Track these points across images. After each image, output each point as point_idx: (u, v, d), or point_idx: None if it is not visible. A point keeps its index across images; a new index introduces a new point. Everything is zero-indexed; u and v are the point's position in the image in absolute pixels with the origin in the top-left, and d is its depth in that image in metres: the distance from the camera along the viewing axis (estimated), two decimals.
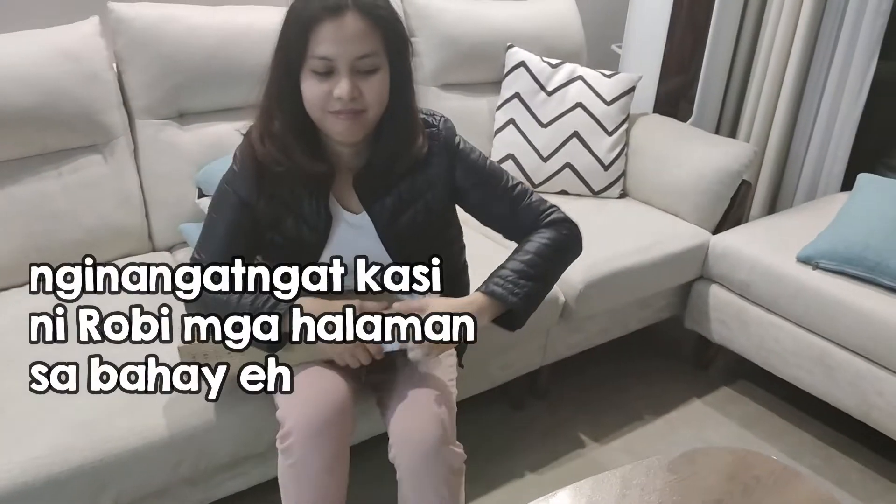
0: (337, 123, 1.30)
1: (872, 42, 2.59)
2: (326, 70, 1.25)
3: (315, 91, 1.27)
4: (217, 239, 1.41)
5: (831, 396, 2.09)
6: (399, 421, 1.38)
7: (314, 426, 1.32)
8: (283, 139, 1.33)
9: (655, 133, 2.59)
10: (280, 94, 1.31)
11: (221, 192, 1.42)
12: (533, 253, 1.43)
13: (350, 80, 1.25)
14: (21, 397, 1.42)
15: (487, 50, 2.55)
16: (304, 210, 1.40)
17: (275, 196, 1.39)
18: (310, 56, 1.25)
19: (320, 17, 1.23)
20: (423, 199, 1.43)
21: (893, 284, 2.01)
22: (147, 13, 1.94)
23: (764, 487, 1.35)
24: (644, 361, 2.52)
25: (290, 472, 1.34)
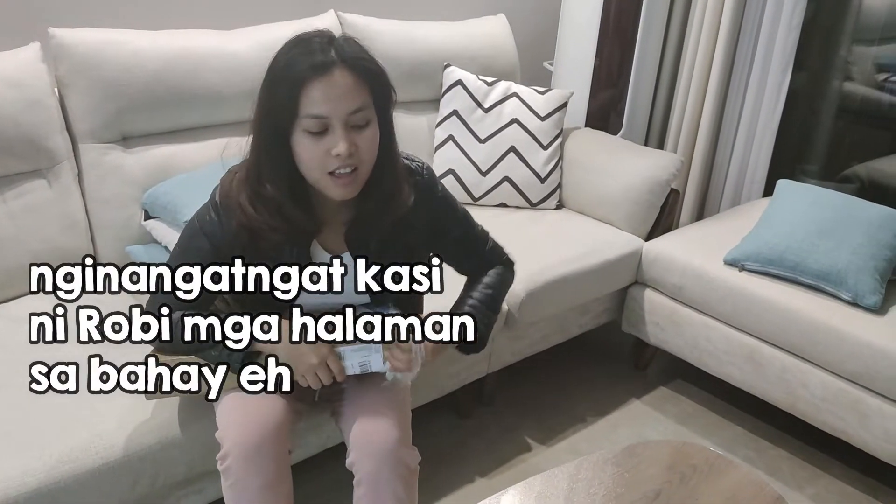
0: (336, 186, 1.28)
1: (786, 55, 2.76)
2: (321, 129, 1.24)
3: (311, 151, 1.25)
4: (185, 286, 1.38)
5: (760, 391, 2.21)
6: (357, 426, 1.42)
7: (250, 446, 1.34)
8: (277, 202, 1.31)
9: (588, 146, 2.70)
10: (271, 158, 1.29)
11: (195, 235, 1.38)
12: (493, 288, 1.57)
13: (346, 137, 1.24)
14: None
15: (425, 69, 2.63)
16: (283, 258, 1.39)
17: (257, 247, 1.37)
18: (302, 116, 1.23)
19: (309, 77, 1.21)
20: (403, 241, 1.46)
21: (813, 282, 2.14)
22: (88, 38, 1.96)
23: (700, 475, 1.44)
24: (585, 365, 2.62)
25: (230, 493, 1.36)
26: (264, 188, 1.31)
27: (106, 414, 1.49)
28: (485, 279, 1.58)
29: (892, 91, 2.96)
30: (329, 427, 1.62)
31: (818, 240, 2.16)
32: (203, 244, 1.37)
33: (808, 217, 2.24)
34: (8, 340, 1.68)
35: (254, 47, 2.18)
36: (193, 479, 1.60)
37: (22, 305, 1.83)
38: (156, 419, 1.50)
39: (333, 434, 1.72)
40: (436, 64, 2.65)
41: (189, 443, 1.53)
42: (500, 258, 1.63)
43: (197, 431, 1.54)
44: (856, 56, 3.03)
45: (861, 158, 3.06)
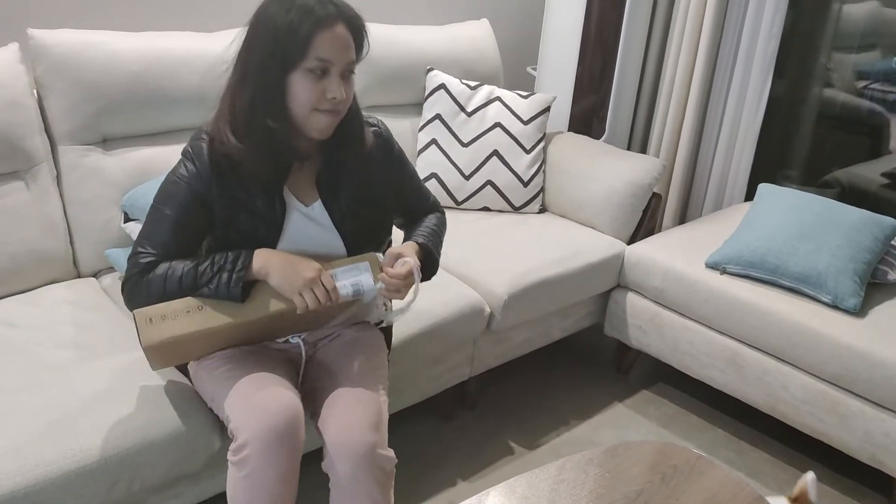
0: (322, 120, 1.42)
1: (767, 62, 2.79)
2: (322, 70, 1.37)
3: (309, 90, 1.38)
4: (165, 233, 1.44)
5: (742, 393, 2.22)
6: (333, 427, 1.42)
7: (272, 436, 1.35)
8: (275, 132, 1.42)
9: (571, 150, 2.71)
10: (270, 95, 1.39)
11: (172, 187, 1.45)
12: (436, 226, 1.70)
13: (340, 81, 1.40)
14: None
15: (408, 73, 2.63)
16: (257, 205, 1.47)
17: (230, 194, 1.45)
18: (310, 57, 1.36)
19: (320, 25, 1.35)
20: (372, 192, 1.57)
21: (793, 285, 2.16)
22: (68, 39, 1.94)
23: (681, 475, 1.44)
24: (568, 369, 2.62)
25: (243, 484, 1.36)
26: (262, 122, 1.40)
27: (83, 417, 1.47)
28: (425, 221, 1.70)
29: (872, 98, 2.99)
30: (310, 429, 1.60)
31: (798, 243, 2.18)
32: (182, 193, 1.44)
33: (788, 220, 2.26)
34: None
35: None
36: (171, 482, 1.59)
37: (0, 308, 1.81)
38: (134, 422, 1.48)
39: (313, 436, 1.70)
40: (419, 68, 2.65)
41: (167, 446, 1.51)
42: (438, 207, 1.78)
43: (176, 435, 1.52)
44: (836, 63, 3.06)
45: (841, 164, 3.09)
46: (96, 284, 1.99)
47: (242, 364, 1.50)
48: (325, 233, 1.53)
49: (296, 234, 1.51)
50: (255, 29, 1.39)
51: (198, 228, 1.47)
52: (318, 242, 1.53)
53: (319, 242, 1.53)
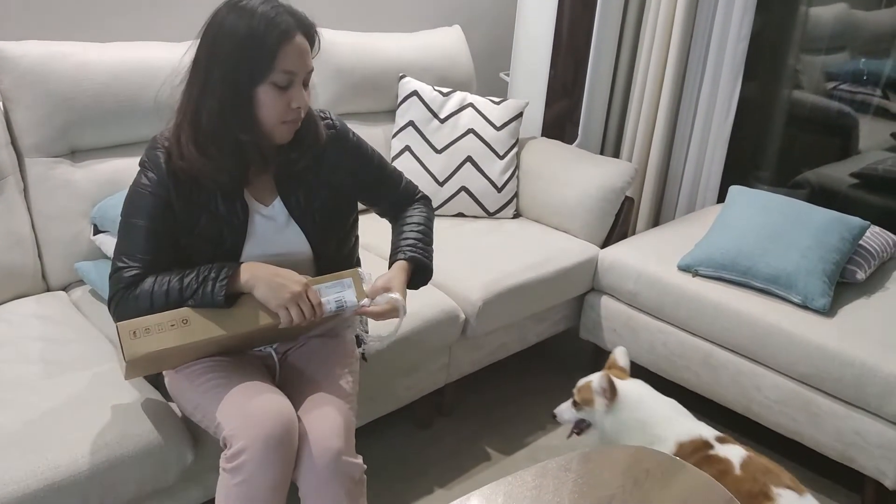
0: (286, 130, 1.45)
1: (736, 65, 2.82)
2: (287, 83, 1.39)
3: (276, 102, 1.40)
4: (141, 243, 1.44)
5: (716, 395, 2.24)
6: (300, 435, 1.41)
7: (271, 442, 1.35)
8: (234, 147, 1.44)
9: (544, 155, 2.72)
10: (235, 109, 1.40)
11: (137, 198, 1.46)
12: (423, 224, 1.69)
13: (303, 90, 1.43)
14: None
15: (380, 80, 2.63)
16: (219, 209, 1.48)
17: (191, 199, 1.46)
18: (277, 70, 1.37)
19: (283, 38, 1.37)
20: (329, 184, 1.58)
21: (764, 286, 2.18)
22: (34, 51, 1.93)
23: (653, 479, 1.45)
24: (544, 373, 2.63)
25: (237, 491, 1.35)
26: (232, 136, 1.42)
27: (52, 433, 1.45)
28: (411, 219, 1.70)
29: (841, 98, 3.03)
30: None
31: (768, 244, 2.20)
32: (148, 200, 1.45)
33: (758, 222, 2.28)
34: None
35: None
36: (144, 497, 1.57)
37: None
38: (104, 437, 1.47)
39: None
40: (391, 75, 2.65)
41: (140, 461, 1.49)
42: (416, 193, 1.77)
43: (148, 449, 1.50)
44: (804, 65, 3.10)
45: (811, 165, 3.12)
46: (66, 298, 1.97)
47: (227, 372, 1.49)
48: (288, 232, 1.54)
49: (259, 236, 1.52)
50: (215, 40, 1.38)
51: (172, 233, 1.47)
52: (282, 243, 1.54)
53: (283, 242, 1.54)
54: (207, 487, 1.65)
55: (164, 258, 1.45)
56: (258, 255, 1.51)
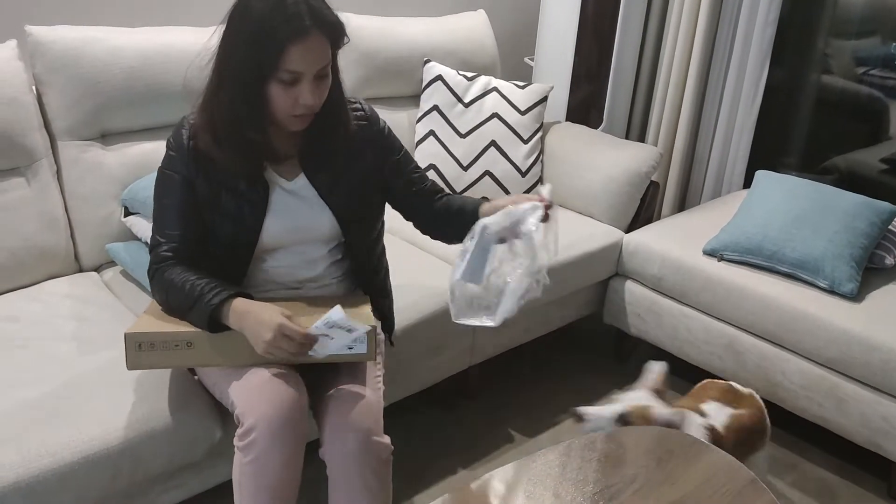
0: (298, 123, 1.47)
1: (763, 49, 2.79)
2: (292, 80, 1.39)
3: (283, 98, 1.41)
4: (173, 222, 1.51)
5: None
6: (329, 415, 1.44)
7: (278, 421, 1.37)
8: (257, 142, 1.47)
9: (568, 140, 2.72)
10: (251, 106, 1.42)
11: (164, 178, 1.52)
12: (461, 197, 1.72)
13: (313, 89, 1.41)
14: None
15: (405, 65, 2.64)
16: (239, 186, 1.50)
17: (211, 178, 1.50)
18: (281, 69, 1.37)
19: (290, 39, 1.35)
20: (354, 167, 1.60)
21: (790, 271, 2.17)
22: (66, 35, 1.96)
23: (676, 459, 1.46)
24: (568, 357, 2.63)
25: (249, 469, 1.38)
26: (242, 132, 1.45)
27: (85, 408, 1.49)
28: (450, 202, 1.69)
29: (871, 84, 2.99)
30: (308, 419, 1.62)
31: (795, 229, 2.18)
32: (174, 180, 1.50)
33: (785, 207, 2.26)
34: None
35: None
36: (174, 472, 1.61)
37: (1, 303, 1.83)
38: (136, 413, 1.50)
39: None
40: (416, 59, 2.66)
41: (169, 436, 1.53)
42: (441, 191, 1.74)
43: (177, 425, 1.54)
44: (834, 50, 3.06)
45: (840, 150, 3.09)
46: (97, 279, 2.01)
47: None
48: (311, 207, 1.56)
49: (281, 210, 1.54)
50: (233, 27, 1.40)
51: (198, 209, 1.52)
52: (307, 217, 1.56)
53: (309, 217, 1.56)
54: None
55: (198, 233, 1.52)
56: (279, 229, 1.54)
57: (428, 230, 1.75)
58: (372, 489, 1.42)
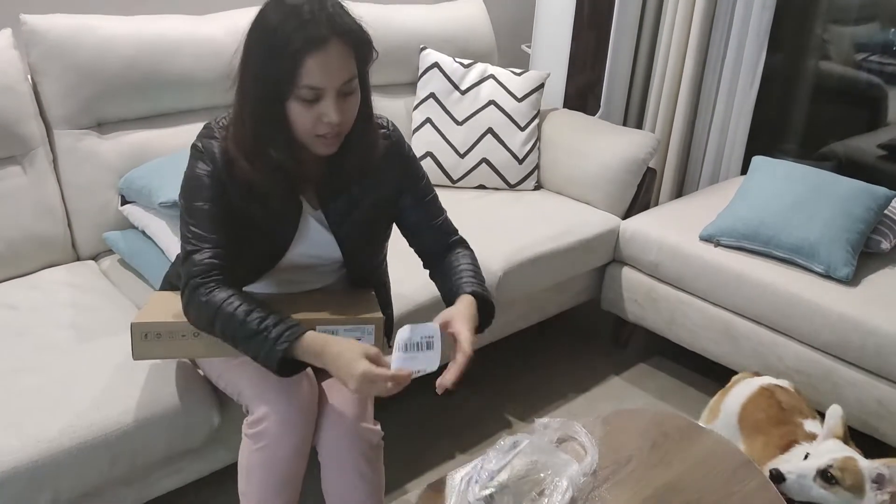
0: (322, 145, 1.35)
1: (761, 35, 2.78)
2: (314, 98, 1.29)
3: (304, 117, 1.31)
4: (207, 226, 1.38)
5: (737, 364, 2.24)
6: (320, 404, 1.45)
7: (291, 410, 1.38)
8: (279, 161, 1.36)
9: (565, 127, 2.72)
10: (271, 123, 1.33)
11: (196, 182, 1.39)
12: (471, 264, 1.55)
13: (337, 106, 1.30)
14: None
15: (401, 52, 2.64)
16: (271, 203, 1.42)
17: (245, 191, 1.40)
18: (299, 86, 1.27)
19: (308, 50, 1.25)
20: (371, 196, 1.50)
21: (787, 256, 2.17)
22: (61, 24, 1.96)
23: (671, 441, 1.47)
24: (565, 344, 2.64)
25: (258, 456, 1.38)
26: (267, 153, 1.35)
27: (84, 394, 1.50)
28: (458, 262, 1.54)
29: (870, 70, 2.98)
30: None
31: (791, 214, 2.19)
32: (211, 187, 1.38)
33: (781, 192, 2.26)
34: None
35: (228, 32, 2.18)
36: (173, 458, 1.62)
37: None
38: (135, 399, 1.51)
39: None
40: (412, 47, 2.65)
41: (168, 422, 1.54)
42: (455, 232, 1.63)
43: (176, 411, 1.55)
44: (832, 35, 3.06)
45: (838, 136, 3.09)
46: (95, 267, 2.01)
47: None
48: (324, 237, 1.50)
49: (306, 236, 1.48)
50: (252, 39, 1.30)
51: (231, 219, 1.40)
52: (319, 245, 1.50)
53: (320, 245, 1.50)
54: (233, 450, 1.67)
55: (231, 240, 1.39)
56: (301, 254, 1.49)
57: (424, 263, 1.64)
58: (364, 475, 1.43)
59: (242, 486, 1.43)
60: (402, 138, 1.55)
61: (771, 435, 1.71)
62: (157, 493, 1.66)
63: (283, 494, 1.41)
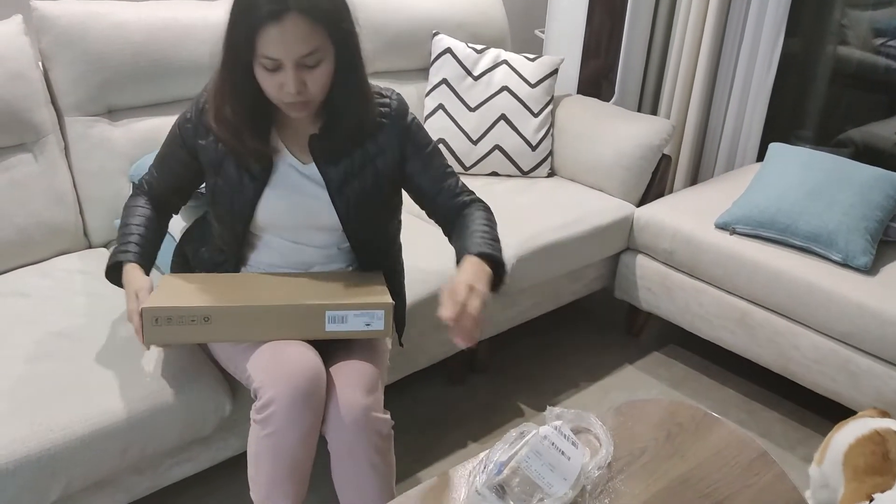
0: (291, 110, 1.41)
1: (778, 19, 2.74)
2: (274, 67, 1.34)
3: (267, 83, 1.37)
4: (154, 164, 1.63)
5: (752, 353, 2.22)
6: (330, 392, 1.43)
7: (297, 395, 1.37)
8: (234, 125, 1.44)
9: (579, 113, 2.69)
10: (233, 84, 1.40)
11: (173, 130, 1.57)
12: (484, 224, 1.54)
13: (295, 77, 1.34)
14: None
15: (413, 38, 2.61)
16: (244, 157, 1.49)
17: (217, 146, 1.50)
18: (258, 55, 1.33)
19: (264, 22, 1.29)
20: (372, 165, 1.53)
21: (803, 244, 2.14)
22: (71, 10, 1.94)
23: (686, 432, 1.45)
24: (578, 332, 2.63)
25: (266, 443, 1.38)
26: (224, 109, 1.43)
27: (96, 382, 1.50)
28: (470, 224, 1.54)
29: (889, 55, 2.94)
30: None
31: (809, 201, 2.15)
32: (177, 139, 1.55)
33: (799, 179, 2.23)
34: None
35: None
36: (184, 446, 1.62)
37: (9, 280, 1.84)
38: (146, 387, 1.51)
39: None
40: (424, 32, 2.63)
41: (180, 410, 1.53)
42: (470, 192, 1.62)
43: (188, 399, 1.54)
44: (851, 20, 3.01)
45: (856, 123, 3.04)
46: (107, 254, 2.00)
47: None
48: (316, 197, 1.52)
49: (282, 187, 1.52)
50: (230, 9, 1.36)
51: (175, 165, 1.58)
52: (305, 202, 1.52)
53: (307, 203, 1.52)
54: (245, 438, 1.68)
55: (163, 183, 1.61)
56: (276, 206, 1.52)
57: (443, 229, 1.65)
58: (374, 464, 1.43)
59: (251, 472, 1.43)
60: (406, 108, 1.57)
61: (864, 484, 1.53)
62: (170, 482, 1.66)
63: (291, 481, 1.41)
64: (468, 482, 1.27)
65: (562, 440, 1.29)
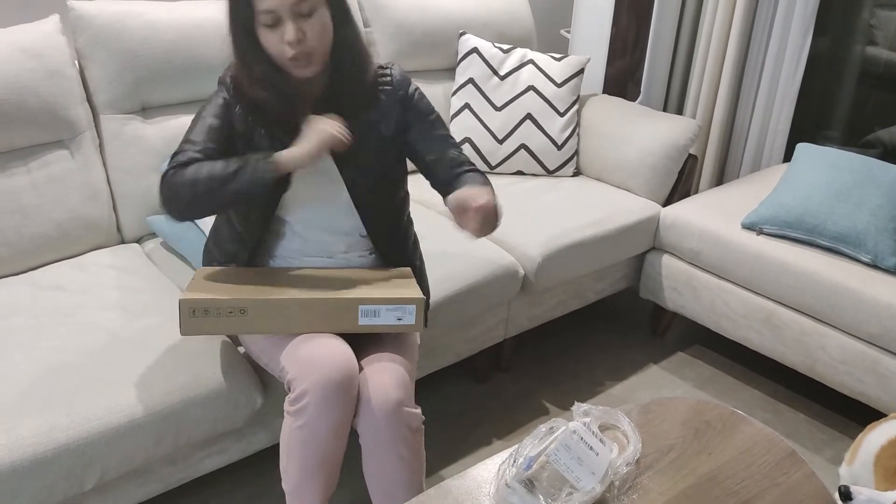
0: (296, 67, 1.46)
1: (806, 19, 2.72)
2: (273, 22, 1.41)
3: (271, 42, 1.43)
4: (202, 133, 1.51)
5: (779, 354, 2.21)
6: (362, 386, 1.45)
7: (330, 387, 1.39)
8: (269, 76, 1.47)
9: (605, 112, 2.69)
10: (245, 51, 1.47)
11: (211, 98, 1.56)
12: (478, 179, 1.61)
13: (294, 25, 1.41)
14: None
15: (440, 37, 2.63)
16: (275, 128, 1.52)
17: (249, 111, 1.52)
18: (257, 13, 1.41)
19: None
20: (376, 130, 1.58)
21: (831, 245, 2.13)
22: (107, 10, 1.98)
23: (714, 430, 1.45)
24: (603, 332, 2.63)
25: (298, 434, 1.41)
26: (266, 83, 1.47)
27: (130, 373, 1.53)
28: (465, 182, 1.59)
29: None
30: None
31: (837, 202, 2.15)
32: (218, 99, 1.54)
33: (826, 179, 2.22)
34: (33, 306, 1.73)
35: None
36: (216, 438, 1.65)
37: (46, 273, 1.88)
38: (179, 379, 1.54)
39: None
40: (451, 32, 2.64)
41: (212, 402, 1.56)
42: (470, 163, 1.66)
43: (220, 391, 1.57)
44: (880, 20, 2.98)
45: (884, 123, 3.02)
46: (139, 250, 2.05)
47: None
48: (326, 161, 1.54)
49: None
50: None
51: (230, 135, 1.53)
52: (321, 172, 1.55)
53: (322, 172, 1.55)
54: (275, 431, 1.71)
55: (220, 151, 1.51)
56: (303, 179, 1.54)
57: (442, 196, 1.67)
58: (404, 458, 1.44)
59: (283, 462, 1.45)
60: (408, 79, 1.63)
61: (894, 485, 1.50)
62: (201, 473, 1.68)
63: (321, 473, 1.43)
64: (498, 476, 1.28)
65: (590, 436, 1.30)
